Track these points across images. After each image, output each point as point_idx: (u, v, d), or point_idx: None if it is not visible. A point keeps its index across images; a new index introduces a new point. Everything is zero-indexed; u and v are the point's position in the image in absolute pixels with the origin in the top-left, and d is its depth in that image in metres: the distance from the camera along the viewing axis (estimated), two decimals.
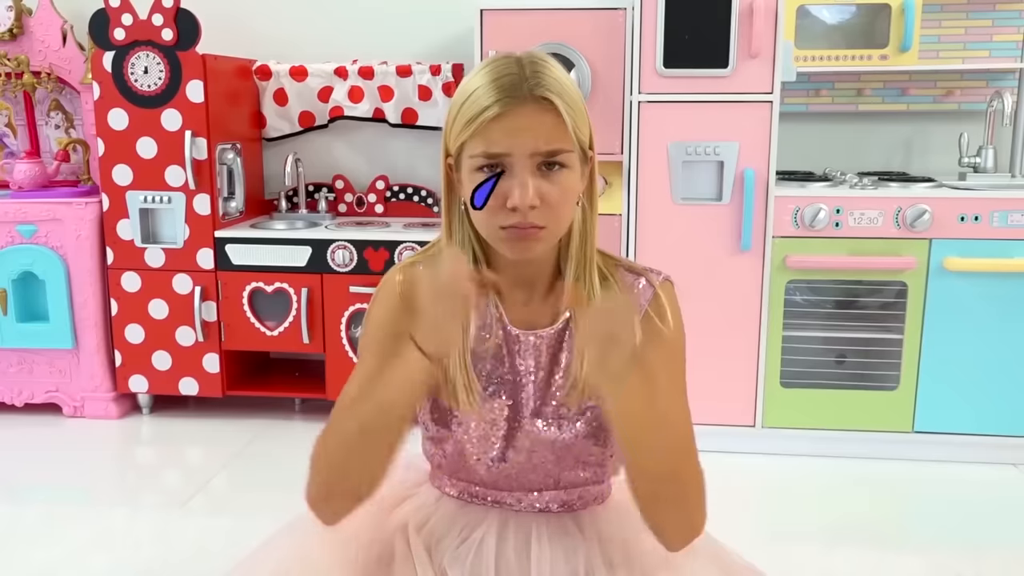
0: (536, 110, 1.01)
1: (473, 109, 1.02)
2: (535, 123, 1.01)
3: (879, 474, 2.72)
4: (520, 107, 1.01)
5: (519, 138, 1.01)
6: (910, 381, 2.73)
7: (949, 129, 3.14)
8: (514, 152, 1.02)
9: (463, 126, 1.04)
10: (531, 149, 1.02)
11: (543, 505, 1.20)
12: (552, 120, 1.02)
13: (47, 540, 2.30)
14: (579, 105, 1.06)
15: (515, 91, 1.01)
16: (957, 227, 2.63)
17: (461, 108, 1.05)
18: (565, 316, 1.15)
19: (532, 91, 1.01)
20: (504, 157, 1.02)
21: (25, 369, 3.18)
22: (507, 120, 1.01)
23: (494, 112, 1.00)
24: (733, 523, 1.32)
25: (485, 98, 1.02)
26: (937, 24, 3.07)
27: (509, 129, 1.01)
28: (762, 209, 2.68)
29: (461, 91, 1.07)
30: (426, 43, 3.31)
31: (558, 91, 1.03)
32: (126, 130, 3.00)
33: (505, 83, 1.02)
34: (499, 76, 1.03)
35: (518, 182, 1.02)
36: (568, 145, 1.03)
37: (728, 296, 2.73)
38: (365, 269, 2.97)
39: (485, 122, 1.01)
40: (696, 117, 2.66)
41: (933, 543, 2.32)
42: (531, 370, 1.16)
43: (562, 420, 1.16)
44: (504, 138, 1.01)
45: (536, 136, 1.01)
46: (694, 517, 1.10)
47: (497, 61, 1.06)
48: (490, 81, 1.03)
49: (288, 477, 1.20)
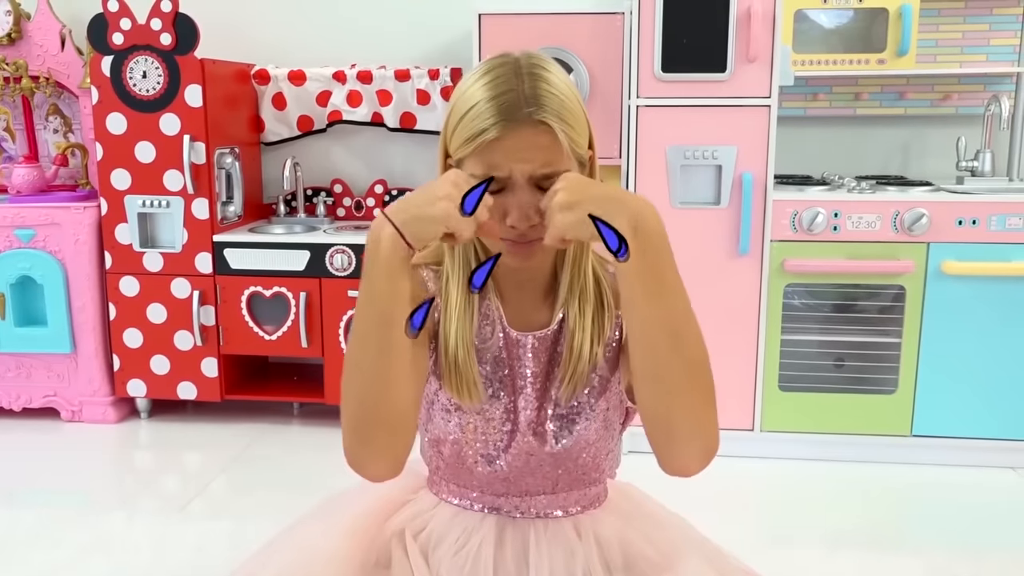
0: (534, 133, 1.02)
1: (472, 129, 1.03)
2: (534, 146, 1.03)
3: (877, 478, 2.72)
4: (519, 130, 1.02)
5: (519, 161, 1.03)
6: (908, 385, 2.73)
7: (946, 133, 3.15)
8: (514, 174, 1.03)
9: (463, 142, 1.05)
10: (530, 172, 1.03)
11: (539, 511, 1.20)
12: (550, 141, 1.03)
13: (45, 544, 2.29)
14: (578, 117, 1.07)
15: (514, 114, 1.02)
16: (955, 231, 2.64)
17: (461, 120, 1.05)
18: (559, 317, 1.16)
19: (531, 115, 1.02)
20: (504, 179, 1.04)
21: (23, 374, 3.18)
22: (506, 143, 1.02)
23: (492, 136, 1.02)
24: (732, 527, 1.33)
25: (484, 119, 1.03)
26: (935, 28, 3.08)
27: (508, 150, 1.02)
28: (760, 213, 2.69)
29: (461, 98, 1.07)
30: (424, 47, 3.31)
31: (556, 109, 1.03)
32: (124, 134, 3.00)
33: (504, 103, 1.02)
34: (498, 93, 1.03)
35: (516, 203, 1.04)
36: (565, 165, 1.05)
37: (726, 300, 2.73)
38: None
39: (484, 144, 1.03)
40: (694, 121, 2.66)
41: (932, 547, 2.32)
42: (530, 372, 1.17)
43: (561, 423, 1.16)
44: (504, 161, 1.03)
45: (534, 160, 1.03)
46: (705, 414, 1.05)
47: (495, 69, 1.06)
48: (489, 98, 1.03)
49: (287, 481, 1.20)
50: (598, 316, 1.15)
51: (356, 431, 1.05)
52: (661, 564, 1.19)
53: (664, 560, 1.20)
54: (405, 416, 1.06)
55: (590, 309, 1.14)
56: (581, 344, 1.13)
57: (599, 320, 1.15)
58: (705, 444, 1.06)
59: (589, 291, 1.15)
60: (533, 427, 1.16)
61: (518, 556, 1.17)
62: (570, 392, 1.15)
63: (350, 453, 1.05)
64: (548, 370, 1.17)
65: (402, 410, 1.05)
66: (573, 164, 1.06)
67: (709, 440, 1.06)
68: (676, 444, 1.06)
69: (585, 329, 1.14)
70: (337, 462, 1.10)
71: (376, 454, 1.05)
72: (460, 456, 1.18)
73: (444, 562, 1.17)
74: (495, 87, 1.04)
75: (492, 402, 1.16)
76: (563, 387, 1.14)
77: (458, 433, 1.17)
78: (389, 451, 1.06)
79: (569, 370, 1.14)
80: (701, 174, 2.70)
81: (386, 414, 1.03)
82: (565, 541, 1.19)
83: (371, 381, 1.03)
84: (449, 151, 1.10)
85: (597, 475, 1.22)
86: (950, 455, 2.77)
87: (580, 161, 1.08)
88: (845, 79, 3.12)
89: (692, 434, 1.05)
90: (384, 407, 1.03)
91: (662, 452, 1.07)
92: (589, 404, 1.16)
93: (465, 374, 1.13)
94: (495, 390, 1.16)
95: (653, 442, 1.07)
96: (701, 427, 1.05)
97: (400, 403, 1.04)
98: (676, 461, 1.06)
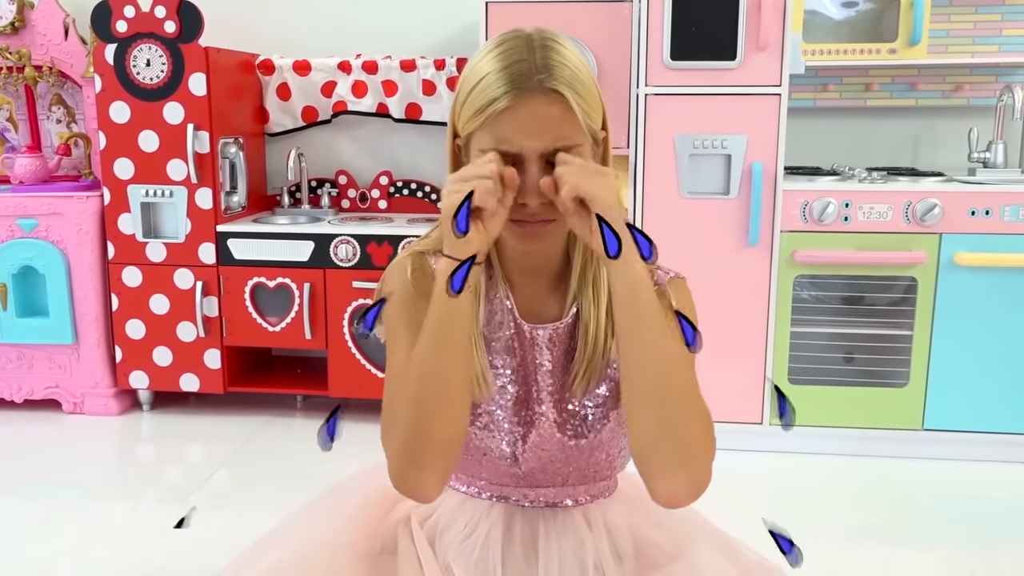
0: (546, 102, 0.99)
1: (482, 99, 1.00)
2: (546, 118, 0.99)
3: (889, 472, 2.70)
4: (530, 99, 0.99)
5: (529, 135, 0.99)
6: (920, 378, 2.70)
7: (958, 124, 3.11)
8: (524, 151, 1.00)
9: (472, 115, 1.02)
10: (541, 149, 1.00)
11: (549, 500, 1.17)
12: (562, 113, 0.99)
13: (47, 534, 2.28)
14: (591, 90, 1.03)
15: (525, 82, 0.99)
16: (968, 221, 2.61)
17: (470, 94, 1.02)
18: (574, 310, 1.12)
19: (543, 83, 0.99)
20: (513, 155, 1.00)
21: (25, 365, 3.16)
22: (516, 113, 0.99)
23: (503, 105, 0.98)
24: (740, 522, 1.29)
25: (494, 88, 0.99)
26: (946, 18, 3.04)
27: (519, 123, 0.99)
28: (770, 203, 2.65)
29: (470, 72, 1.04)
30: (430, 37, 3.28)
31: (569, 80, 1.00)
32: (128, 123, 2.98)
33: (515, 72, 0.99)
34: (509, 63, 1.00)
35: (527, 179, 1.00)
36: (579, 139, 1.01)
37: (735, 291, 2.70)
38: (368, 264, 2.94)
39: (494, 114, 0.99)
40: (703, 110, 2.63)
41: (944, 541, 2.29)
42: (546, 367, 1.13)
43: (576, 421, 1.13)
44: (514, 135, 0.99)
45: (546, 133, 0.99)
46: (696, 443, 1.01)
47: (507, 42, 1.04)
48: (500, 68, 1.00)
49: (290, 474, 1.17)
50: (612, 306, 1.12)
51: (407, 454, 1.02)
52: (672, 552, 1.17)
53: (675, 548, 1.17)
54: (461, 435, 1.04)
55: (605, 298, 1.11)
56: (596, 336, 1.10)
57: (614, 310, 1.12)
58: (692, 474, 1.01)
59: (602, 279, 1.12)
60: (548, 424, 1.13)
61: (527, 545, 1.14)
62: (584, 386, 1.11)
63: (401, 477, 1.03)
64: (564, 364, 1.13)
65: (459, 431, 1.03)
66: (586, 140, 1.02)
67: (696, 470, 1.01)
68: (662, 472, 1.02)
69: (600, 320, 1.11)
70: (341, 454, 1.08)
71: (429, 474, 1.03)
72: (469, 448, 1.14)
73: (451, 549, 1.14)
74: (506, 58, 1.02)
75: (502, 393, 1.12)
76: (577, 381, 1.11)
77: (468, 425, 1.14)
78: (443, 470, 1.04)
79: (583, 364, 1.11)
80: (710, 164, 2.66)
81: (436, 427, 1.01)
82: (574, 530, 1.16)
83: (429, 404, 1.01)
84: (457, 129, 1.07)
85: (609, 472, 1.19)
86: (963, 449, 2.74)
87: (594, 138, 1.05)
88: (855, 69, 3.08)
89: (678, 463, 1.01)
90: (440, 429, 1.01)
91: (645, 477, 1.03)
92: (604, 402, 1.12)
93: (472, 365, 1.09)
94: (505, 381, 1.13)
95: (637, 467, 1.04)
96: (689, 456, 1.01)
97: (457, 424, 1.03)
98: (660, 488, 1.02)
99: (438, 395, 1.01)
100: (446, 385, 1.01)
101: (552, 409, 1.13)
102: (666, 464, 1.01)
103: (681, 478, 1.01)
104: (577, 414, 1.12)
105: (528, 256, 1.11)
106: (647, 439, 1.01)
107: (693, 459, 1.01)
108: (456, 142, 1.08)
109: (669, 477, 1.01)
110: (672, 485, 1.01)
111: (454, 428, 1.03)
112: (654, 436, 1.00)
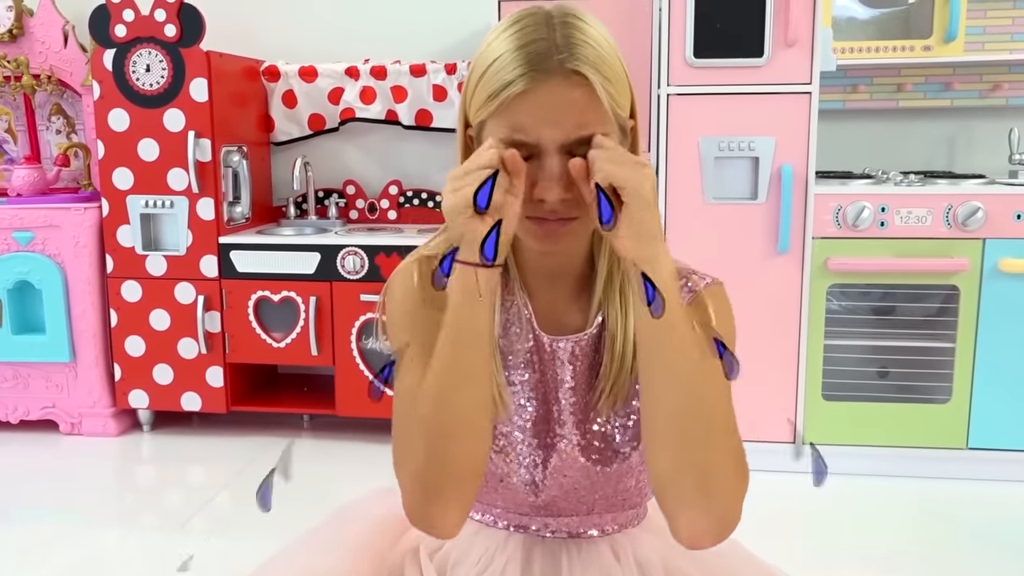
0: (567, 85, 0.87)
1: (496, 82, 0.89)
2: (566, 103, 0.87)
3: (930, 494, 2.60)
4: (549, 81, 0.87)
5: (548, 123, 0.88)
6: (963, 394, 2.60)
7: (996, 126, 3.00)
8: (542, 142, 0.88)
9: (484, 101, 0.90)
10: (561, 139, 0.88)
11: (572, 530, 1.07)
12: (586, 96, 0.88)
13: (40, 562, 2.21)
14: (618, 72, 0.92)
15: (543, 63, 0.87)
16: (1013, 226, 2.50)
17: (483, 77, 0.91)
18: (599, 319, 1.01)
19: (563, 63, 0.87)
20: (531, 145, 0.89)
21: (20, 384, 3.08)
22: (534, 98, 0.87)
23: (519, 88, 0.87)
24: (773, 547, 1.22)
25: (509, 70, 0.88)
26: (982, 14, 2.94)
27: (536, 110, 0.87)
28: (801, 208, 2.56)
29: (483, 53, 0.93)
30: (441, 41, 3.21)
31: (594, 60, 0.88)
32: (127, 131, 2.91)
33: (532, 52, 0.88)
34: (526, 42, 0.89)
35: (545, 172, 0.89)
36: (604, 127, 0.89)
37: (765, 302, 2.60)
38: (377, 276, 2.84)
39: (508, 99, 0.88)
40: (729, 110, 2.54)
41: (989, 569, 2.18)
42: (566, 382, 1.02)
43: (600, 441, 1.02)
44: (531, 123, 0.88)
45: (566, 120, 0.88)
46: (720, 492, 0.91)
47: (524, 19, 0.92)
48: (515, 48, 0.89)
49: (295, 497, 1.08)
50: None
51: (423, 487, 0.93)
52: None
53: None
54: (483, 464, 0.95)
55: (633, 306, 0.99)
56: (624, 349, 0.99)
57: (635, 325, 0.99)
58: (719, 513, 0.91)
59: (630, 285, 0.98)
60: (570, 447, 1.02)
61: None
62: (610, 404, 1.01)
63: (416, 511, 0.95)
64: (588, 380, 1.02)
65: (481, 460, 0.95)
66: (613, 129, 0.90)
67: (725, 510, 0.91)
68: (682, 509, 0.91)
69: (628, 331, 0.99)
70: (349, 476, 0.99)
71: (448, 508, 0.94)
72: (484, 474, 1.03)
73: None
74: (523, 36, 0.90)
75: (520, 412, 1.02)
76: (603, 400, 1.01)
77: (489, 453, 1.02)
78: (464, 504, 0.95)
79: (610, 381, 1.00)
80: (737, 167, 2.57)
81: (462, 466, 0.93)
82: (601, 565, 1.06)
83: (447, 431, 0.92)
84: (469, 118, 0.95)
85: (639, 499, 1.09)
86: (1010, 470, 2.63)
87: (621, 126, 0.93)
88: (887, 69, 2.98)
89: (704, 501, 0.90)
90: (459, 459, 0.92)
91: (666, 513, 0.93)
92: (633, 423, 1.01)
93: None
94: (525, 398, 1.02)
95: (658, 502, 0.94)
96: (716, 494, 0.90)
97: (479, 453, 0.94)
98: (682, 527, 0.92)
99: (457, 421, 0.91)
100: (466, 409, 0.91)
101: (575, 431, 1.02)
102: (688, 502, 0.90)
103: (706, 518, 0.91)
104: (603, 436, 1.02)
105: (548, 258, 1.00)
106: (667, 474, 0.90)
107: (720, 497, 0.90)
108: (467, 133, 0.97)
109: (692, 517, 0.91)
110: (695, 526, 0.91)
111: (475, 458, 0.93)
112: (675, 471, 0.90)
